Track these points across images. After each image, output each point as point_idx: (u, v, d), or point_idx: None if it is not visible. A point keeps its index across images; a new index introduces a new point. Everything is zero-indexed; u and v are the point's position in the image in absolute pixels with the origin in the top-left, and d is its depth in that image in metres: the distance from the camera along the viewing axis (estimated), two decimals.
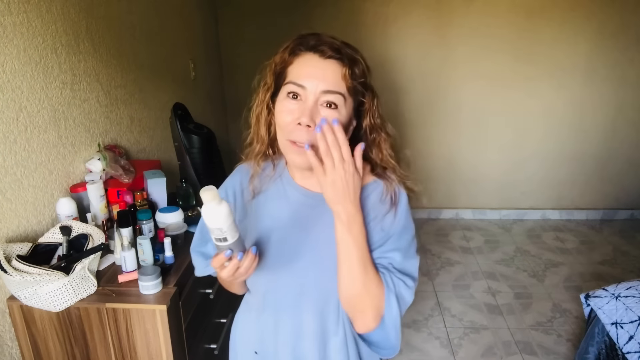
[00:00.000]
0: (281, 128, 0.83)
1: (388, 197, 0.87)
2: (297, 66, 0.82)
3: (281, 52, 0.85)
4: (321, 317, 0.88)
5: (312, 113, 0.79)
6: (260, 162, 0.92)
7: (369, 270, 0.80)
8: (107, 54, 1.81)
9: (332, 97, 0.79)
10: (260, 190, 0.93)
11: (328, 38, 0.82)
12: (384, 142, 0.88)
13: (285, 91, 0.82)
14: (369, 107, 0.86)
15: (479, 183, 3.70)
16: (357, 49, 0.84)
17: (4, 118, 1.28)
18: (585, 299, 1.89)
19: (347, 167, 0.75)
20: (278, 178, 0.93)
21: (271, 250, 0.90)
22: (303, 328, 0.90)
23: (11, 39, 1.30)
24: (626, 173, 3.60)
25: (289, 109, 0.81)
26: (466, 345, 2.34)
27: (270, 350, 0.93)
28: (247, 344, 0.96)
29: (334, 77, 0.80)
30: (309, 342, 0.90)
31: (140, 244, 1.34)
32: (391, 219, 0.86)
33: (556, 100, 3.43)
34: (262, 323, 0.93)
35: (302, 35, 0.84)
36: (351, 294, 0.81)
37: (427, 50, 3.37)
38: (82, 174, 1.61)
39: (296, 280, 0.88)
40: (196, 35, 2.93)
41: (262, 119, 0.89)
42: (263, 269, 0.89)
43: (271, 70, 0.86)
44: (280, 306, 0.90)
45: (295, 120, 0.80)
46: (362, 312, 0.82)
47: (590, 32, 3.25)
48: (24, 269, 1.17)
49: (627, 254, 3.21)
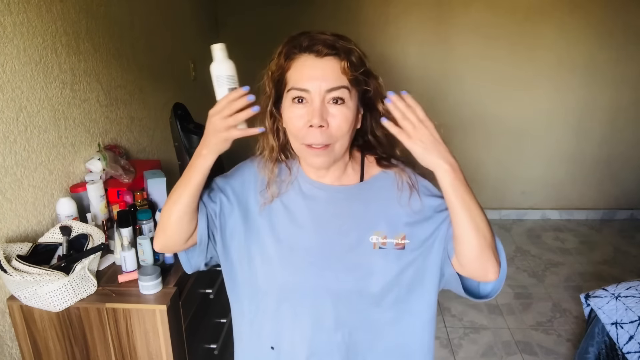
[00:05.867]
0: (294, 134, 0.84)
1: (404, 184, 0.88)
2: (296, 70, 0.82)
3: (276, 58, 0.84)
4: (338, 310, 0.88)
5: (322, 113, 0.79)
6: (274, 168, 0.92)
7: (483, 212, 0.81)
8: (107, 54, 1.81)
9: (338, 93, 0.80)
10: (277, 194, 0.92)
11: (320, 35, 0.81)
12: None
13: (290, 97, 0.82)
14: (376, 92, 0.86)
15: (479, 183, 3.70)
16: (349, 39, 0.83)
17: (4, 118, 1.28)
18: (585, 299, 1.89)
19: (428, 124, 0.76)
20: (294, 180, 0.93)
21: (288, 245, 0.90)
22: (321, 321, 0.89)
23: (11, 39, 1.30)
24: (626, 173, 3.60)
25: (298, 115, 0.81)
26: (466, 345, 2.34)
27: (287, 344, 0.93)
28: (262, 340, 0.95)
29: (334, 74, 0.80)
30: (325, 336, 0.90)
31: (140, 244, 1.34)
32: (417, 201, 0.88)
33: (556, 99, 3.43)
34: (279, 317, 0.92)
35: (293, 37, 0.84)
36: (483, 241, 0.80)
37: (427, 50, 3.37)
38: (82, 174, 1.61)
39: (313, 273, 0.88)
40: (196, 35, 2.93)
41: (268, 128, 0.89)
42: (280, 263, 0.89)
43: (269, 78, 0.86)
44: (298, 299, 0.90)
45: (306, 124, 0.80)
46: (491, 259, 0.81)
47: (590, 32, 3.25)
48: (24, 269, 1.17)
49: (627, 254, 3.21)
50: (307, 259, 0.89)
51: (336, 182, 0.91)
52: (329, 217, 0.90)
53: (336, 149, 0.83)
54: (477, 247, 0.79)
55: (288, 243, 0.90)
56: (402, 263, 0.87)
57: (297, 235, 0.90)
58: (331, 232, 0.89)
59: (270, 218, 0.92)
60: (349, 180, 0.92)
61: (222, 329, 1.67)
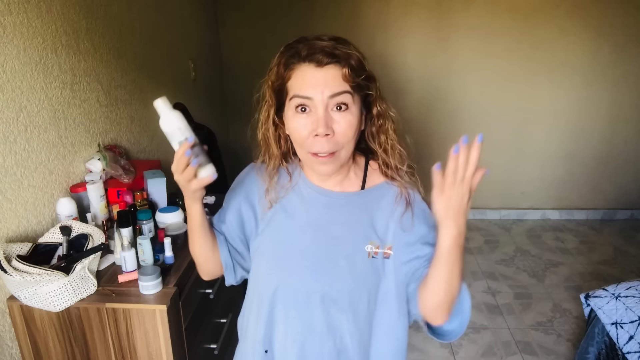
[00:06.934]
0: (299, 143, 0.84)
1: (402, 199, 0.88)
2: (297, 80, 0.81)
3: (275, 67, 0.84)
4: (331, 315, 0.89)
5: (327, 121, 0.79)
6: (275, 176, 0.93)
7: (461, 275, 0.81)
8: (107, 54, 1.81)
9: (341, 98, 0.80)
10: (277, 199, 0.93)
11: (318, 42, 0.80)
12: (391, 128, 0.88)
13: (293, 106, 0.82)
14: (375, 96, 0.86)
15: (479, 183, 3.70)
16: (347, 41, 0.83)
17: (4, 118, 1.28)
18: (585, 299, 1.89)
19: (466, 187, 0.74)
20: (295, 184, 0.94)
21: (285, 248, 0.91)
22: (313, 325, 0.90)
23: (11, 39, 1.30)
24: (626, 173, 3.60)
25: (302, 124, 0.81)
26: (466, 345, 2.34)
27: (280, 348, 0.93)
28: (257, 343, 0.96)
29: (335, 81, 0.80)
30: (317, 339, 0.90)
31: (140, 244, 1.34)
32: (409, 219, 0.87)
33: (556, 99, 3.43)
34: (272, 320, 0.92)
35: (290, 45, 0.83)
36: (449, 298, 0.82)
37: (427, 50, 3.37)
38: (82, 174, 1.61)
39: (308, 277, 0.89)
40: (196, 35, 2.93)
41: (271, 137, 0.89)
42: (276, 265, 0.91)
43: (269, 87, 0.86)
44: (291, 302, 0.90)
45: (312, 133, 0.80)
46: (447, 311, 0.84)
47: (590, 32, 3.25)
48: (24, 269, 1.17)
49: (627, 254, 3.21)
50: (304, 262, 0.89)
51: (337, 187, 0.92)
52: (327, 223, 0.90)
53: (342, 155, 0.84)
54: (440, 302, 0.83)
55: (285, 246, 0.91)
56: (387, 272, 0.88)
57: (295, 239, 0.91)
58: (328, 238, 0.90)
59: (271, 221, 0.93)
60: (351, 187, 0.92)
61: (222, 329, 1.67)
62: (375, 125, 0.88)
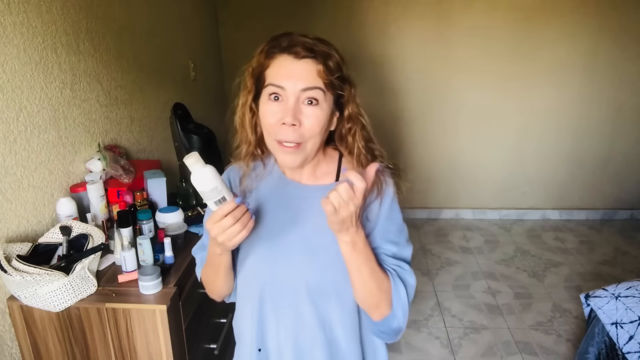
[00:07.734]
0: (267, 130, 0.87)
1: (375, 188, 0.89)
2: (274, 69, 0.84)
3: (257, 55, 0.88)
4: (319, 306, 0.90)
5: (295, 112, 0.82)
6: (250, 162, 0.95)
7: (377, 273, 0.85)
8: (107, 54, 1.81)
9: (312, 93, 0.82)
10: (251, 189, 0.96)
11: (300, 37, 0.84)
12: (359, 132, 0.90)
13: (267, 93, 0.85)
14: (347, 98, 0.88)
15: (479, 183, 3.70)
16: (330, 44, 0.86)
17: (4, 118, 1.28)
18: (585, 299, 1.89)
19: (357, 202, 0.76)
20: (269, 175, 0.97)
21: (267, 244, 0.92)
22: (303, 318, 0.91)
23: (11, 39, 1.30)
24: (626, 173, 3.60)
25: (272, 111, 0.84)
26: (466, 345, 2.34)
27: (274, 345, 0.94)
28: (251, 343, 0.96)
29: (310, 75, 0.82)
30: (309, 332, 0.91)
31: (140, 244, 1.34)
32: (376, 208, 0.89)
33: (556, 99, 3.43)
34: (263, 318, 0.94)
35: (275, 37, 0.87)
36: (366, 296, 0.87)
37: (427, 50, 3.37)
38: (82, 174, 1.61)
39: (292, 271, 0.90)
40: (196, 35, 2.93)
41: (247, 122, 0.92)
42: (260, 262, 0.92)
43: (249, 73, 0.89)
44: (279, 298, 0.91)
45: (279, 121, 0.83)
46: (377, 306, 0.87)
47: (590, 32, 3.25)
48: (24, 269, 1.17)
49: (627, 254, 3.21)
50: (286, 257, 0.91)
51: (311, 180, 0.94)
52: (306, 215, 0.92)
53: (307, 148, 0.86)
54: (362, 298, 0.87)
55: (266, 242, 0.92)
56: None
57: (274, 235, 0.92)
58: (308, 230, 0.91)
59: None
60: (325, 180, 0.94)
61: (222, 329, 1.67)
62: (344, 128, 0.91)
